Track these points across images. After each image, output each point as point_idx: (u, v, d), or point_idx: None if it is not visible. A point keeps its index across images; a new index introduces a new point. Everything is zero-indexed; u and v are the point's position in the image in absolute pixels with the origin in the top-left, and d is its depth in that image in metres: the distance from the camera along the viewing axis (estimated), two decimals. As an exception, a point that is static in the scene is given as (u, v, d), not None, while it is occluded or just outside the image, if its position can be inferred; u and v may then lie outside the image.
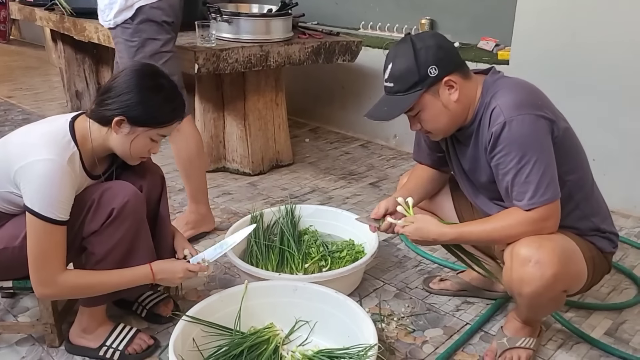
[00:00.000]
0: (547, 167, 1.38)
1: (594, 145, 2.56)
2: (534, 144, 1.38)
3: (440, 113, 1.48)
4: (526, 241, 1.40)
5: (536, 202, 1.39)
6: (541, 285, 1.38)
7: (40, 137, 1.43)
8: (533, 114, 1.40)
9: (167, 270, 1.55)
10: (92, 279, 1.48)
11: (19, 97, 4.69)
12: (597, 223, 1.54)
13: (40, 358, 1.63)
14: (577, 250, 1.46)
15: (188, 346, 1.53)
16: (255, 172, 3.09)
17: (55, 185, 1.38)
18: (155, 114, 1.47)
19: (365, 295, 1.97)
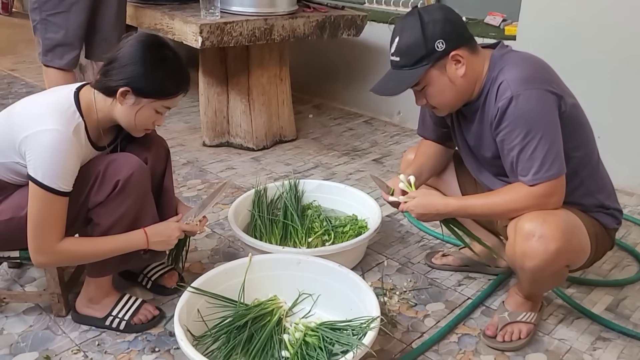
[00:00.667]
0: (552, 143, 1.38)
1: (600, 123, 2.54)
2: (540, 119, 1.37)
3: (447, 88, 1.47)
4: (530, 216, 1.40)
5: (541, 177, 1.38)
6: (544, 259, 1.38)
7: (45, 107, 1.43)
8: (541, 88, 1.38)
9: (161, 232, 1.56)
10: (87, 246, 1.49)
11: (22, 70, 4.67)
12: (601, 199, 1.54)
13: (47, 327, 1.66)
14: (580, 225, 1.46)
15: (193, 317, 1.55)
16: (258, 147, 3.09)
17: (60, 156, 1.38)
18: (160, 86, 1.46)
19: (367, 270, 1.98)
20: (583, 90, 2.60)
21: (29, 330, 1.64)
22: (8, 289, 1.82)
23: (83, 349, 1.57)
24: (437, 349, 1.61)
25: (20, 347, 1.58)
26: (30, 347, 1.58)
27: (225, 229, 2.24)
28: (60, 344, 1.59)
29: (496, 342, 1.60)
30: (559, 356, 1.58)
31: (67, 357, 1.54)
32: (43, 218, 1.41)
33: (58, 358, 1.54)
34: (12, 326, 1.66)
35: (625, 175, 2.57)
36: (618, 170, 2.57)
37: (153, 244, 1.55)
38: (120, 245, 1.52)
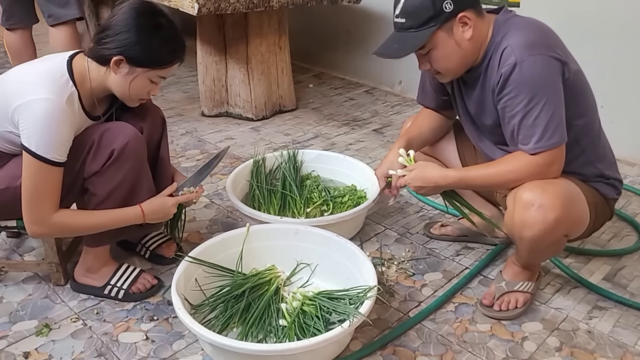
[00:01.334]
0: (555, 110, 1.35)
1: (603, 92, 2.51)
2: (544, 85, 1.34)
3: (453, 52, 1.43)
4: (529, 185, 1.39)
5: (542, 145, 1.36)
6: (543, 229, 1.38)
7: (38, 75, 1.41)
8: (545, 54, 1.35)
9: (157, 207, 1.55)
10: (82, 219, 1.49)
11: None
12: (602, 169, 1.52)
13: (46, 295, 1.67)
14: (580, 195, 1.45)
15: (190, 286, 1.55)
16: (258, 117, 3.06)
17: (53, 125, 1.36)
18: (155, 55, 1.43)
19: (366, 240, 1.98)
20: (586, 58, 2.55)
21: (28, 299, 1.65)
22: (7, 258, 1.83)
23: (82, 317, 1.59)
24: (434, 317, 1.62)
25: (20, 315, 1.59)
26: (29, 315, 1.59)
27: (223, 199, 2.24)
28: (59, 312, 1.61)
29: (493, 311, 1.61)
30: (554, 325, 1.58)
31: (66, 325, 1.56)
32: (37, 188, 1.40)
33: (57, 326, 1.55)
34: (11, 295, 1.67)
35: (627, 145, 2.55)
36: (620, 140, 2.54)
37: (150, 219, 1.55)
38: (115, 221, 1.51)
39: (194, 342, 1.51)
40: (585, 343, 1.52)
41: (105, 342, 1.50)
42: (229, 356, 1.36)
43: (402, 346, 1.51)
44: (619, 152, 2.33)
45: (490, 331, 1.56)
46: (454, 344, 1.51)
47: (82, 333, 1.53)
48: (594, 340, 1.53)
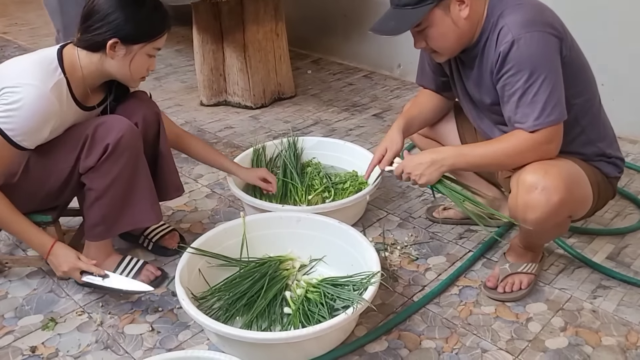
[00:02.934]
0: (554, 87, 1.34)
1: (604, 69, 2.48)
2: (542, 62, 1.33)
3: (449, 30, 1.41)
4: (532, 168, 1.38)
5: (541, 123, 1.35)
6: (547, 211, 1.37)
7: (29, 63, 1.42)
8: (543, 31, 1.34)
9: (62, 255, 1.51)
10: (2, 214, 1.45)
11: (14, 33, 4.59)
12: (602, 148, 1.51)
13: (51, 290, 1.67)
14: (582, 175, 1.44)
15: (194, 277, 1.55)
16: (256, 105, 3.05)
17: (30, 112, 1.36)
18: (146, 28, 1.43)
19: (368, 226, 1.98)
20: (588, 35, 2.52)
21: (33, 294, 1.66)
22: (10, 254, 1.83)
23: (87, 311, 1.59)
24: (439, 301, 1.62)
25: (25, 310, 1.59)
26: (35, 309, 1.59)
27: (224, 188, 2.23)
28: (65, 306, 1.61)
29: (497, 293, 1.61)
30: (559, 305, 1.58)
31: (72, 319, 1.56)
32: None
33: (63, 320, 1.56)
34: (16, 290, 1.67)
35: (629, 122, 2.53)
36: (621, 118, 2.52)
37: (48, 260, 1.52)
38: (26, 238, 1.52)
39: (199, 332, 1.52)
40: (590, 322, 1.52)
41: (111, 334, 1.51)
42: (235, 345, 1.36)
43: (407, 330, 1.51)
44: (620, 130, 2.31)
45: (495, 313, 1.57)
46: (459, 327, 1.52)
47: (88, 326, 1.54)
48: (598, 319, 1.53)
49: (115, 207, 1.54)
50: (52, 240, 1.53)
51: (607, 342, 1.45)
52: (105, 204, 1.52)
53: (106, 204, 1.52)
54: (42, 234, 1.53)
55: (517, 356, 1.42)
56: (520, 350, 1.43)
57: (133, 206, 1.56)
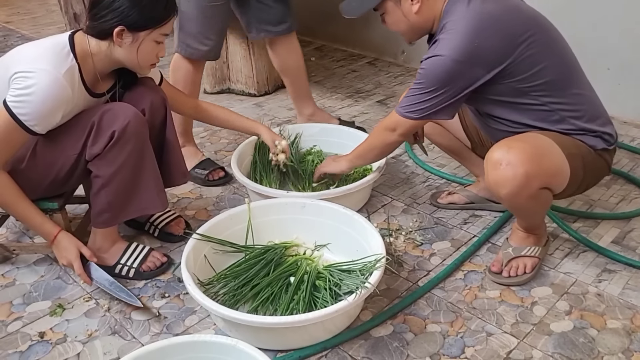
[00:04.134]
0: (430, 101, 1.52)
1: (610, 54, 2.47)
2: (440, 81, 1.48)
3: (400, 21, 1.57)
4: (497, 145, 1.44)
5: (399, 110, 1.60)
6: (515, 185, 1.40)
7: (42, 48, 1.42)
8: (457, 59, 1.44)
9: (63, 247, 1.54)
10: (9, 198, 1.48)
11: (17, 22, 4.58)
12: (580, 124, 1.51)
13: (58, 276, 1.69)
14: (552, 146, 1.45)
15: (200, 263, 1.56)
16: (260, 92, 3.04)
17: (43, 97, 1.36)
18: (152, 14, 1.43)
19: (373, 212, 1.99)
20: (593, 20, 2.51)
21: (41, 280, 1.67)
22: (17, 241, 1.85)
23: (94, 297, 1.60)
24: (444, 286, 1.62)
25: (33, 296, 1.61)
26: (42, 296, 1.61)
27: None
28: (72, 292, 1.62)
29: (502, 278, 1.61)
30: (564, 289, 1.59)
31: (79, 305, 1.58)
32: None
33: (71, 306, 1.57)
34: (23, 277, 1.69)
35: (634, 107, 2.52)
36: (626, 102, 2.52)
37: (53, 248, 1.56)
38: (32, 224, 1.54)
39: (206, 317, 1.53)
40: (595, 306, 1.52)
41: (118, 320, 1.52)
42: (241, 330, 1.37)
43: (412, 315, 1.52)
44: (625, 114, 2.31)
45: (500, 297, 1.57)
46: (464, 311, 1.52)
47: (96, 312, 1.55)
48: (603, 302, 1.54)
49: (122, 194, 1.55)
50: (56, 230, 1.54)
51: (612, 325, 1.46)
52: (112, 191, 1.53)
53: (112, 191, 1.53)
54: (47, 222, 1.54)
55: (522, 339, 1.43)
56: (525, 334, 1.44)
57: (139, 193, 1.57)
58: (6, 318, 1.53)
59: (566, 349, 1.39)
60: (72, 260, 1.54)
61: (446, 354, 1.39)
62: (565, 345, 1.40)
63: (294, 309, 1.44)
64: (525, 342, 1.42)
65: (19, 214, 1.52)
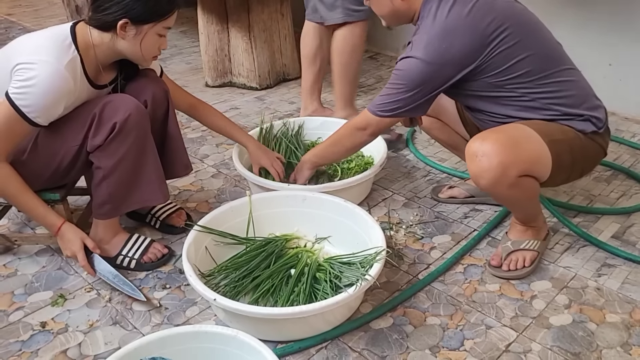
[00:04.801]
0: (402, 100, 1.55)
1: (611, 50, 2.47)
2: (412, 80, 1.52)
3: (384, 4, 1.59)
4: (474, 138, 1.46)
5: (370, 108, 1.63)
6: (492, 175, 1.41)
7: (43, 39, 1.42)
8: (428, 62, 1.48)
9: (67, 239, 1.55)
10: (13, 189, 1.48)
11: (18, 15, 4.58)
12: (564, 110, 1.51)
13: (60, 267, 1.69)
14: (530, 134, 1.45)
15: (201, 254, 1.57)
16: (262, 86, 3.04)
17: (45, 89, 1.36)
18: (155, 7, 1.43)
19: (374, 205, 1.99)
20: (595, 17, 2.51)
21: (42, 271, 1.68)
22: (19, 232, 1.86)
23: (96, 287, 1.61)
24: (443, 279, 1.63)
25: (35, 286, 1.62)
26: (44, 286, 1.62)
27: (230, 168, 2.24)
28: (74, 282, 1.63)
29: (501, 271, 1.62)
30: (563, 283, 1.59)
31: (80, 295, 1.58)
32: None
33: (72, 296, 1.58)
34: (25, 267, 1.70)
35: (636, 102, 2.52)
36: (628, 98, 2.52)
37: (58, 239, 1.57)
38: (35, 216, 1.55)
39: (206, 308, 1.54)
40: (594, 300, 1.53)
41: (119, 310, 1.53)
42: (242, 320, 1.38)
43: (412, 307, 1.52)
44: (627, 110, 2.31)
45: (500, 291, 1.58)
46: (464, 304, 1.53)
47: (97, 302, 1.56)
48: (602, 297, 1.54)
49: (123, 186, 1.55)
50: (60, 221, 1.55)
51: (611, 320, 1.46)
52: (113, 183, 1.53)
53: (114, 183, 1.53)
54: (51, 214, 1.55)
55: (521, 332, 1.43)
56: (524, 327, 1.45)
57: (140, 185, 1.57)
58: (8, 308, 1.54)
59: (565, 342, 1.40)
60: (76, 251, 1.55)
61: (445, 347, 1.40)
62: (564, 338, 1.41)
63: (294, 301, 1.45)
64: (524, 335, 1.42)
65: (22, 206, 1.53)
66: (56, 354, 1.40)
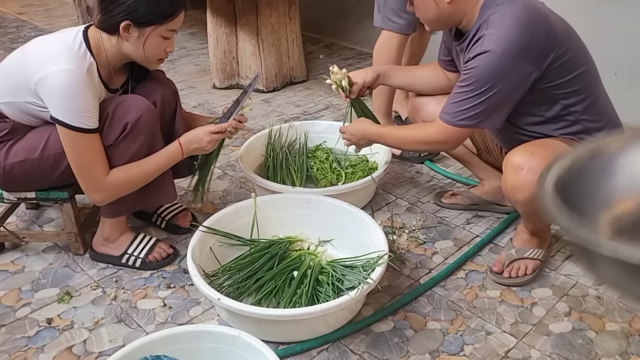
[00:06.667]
0: (488, 102, 1.43)
1: (617, 59, 2.48)
2: (494, 79, 1.40)
3: (430, 7, 1.50)
4: (519, 149, 1.45)
5: (447, 119, 1.49)
6: (534, 191, 1.39)
7: (57, 47, 1.44)
8: (510, 53, 1.38)
9: (192, 139, 1.59)
10: (134, 172, 1.53)
11: (30, 14, 4.62)
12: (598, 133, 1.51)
13: (66, 264, 1.72)
14: None
15: (205, 255, 1.59)
16: (269, 88, 3.06)
17: (78, 95, 1.40)
18: (157, 9, 1.45)
19: (377, 209, 2.01)
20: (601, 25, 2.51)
21: (49, 268, 1.70)
22: (27, 229, 1.88)
23: (101, 285, 1.64)
24: (445, 284, 1.64)
25: (42, 283, 1.64)
26: (51, 283, 1.64)
27: (236, 170, 2.26)
28: (80, 280, 1.66)
29: (503, 278, 1.63)
30: (564, 291, 1.60)
31: (86, 293, 1.61)
32: (83, 158, 1.45)
33: (78, 293, 1.61)
34: (32, 264, 1.72)
35: (642, 113, 2.52)
36: (634, 108, 2.52)
37: (188, 152, 1.59)
38: (162, 161, 1.57)
39: (210, 308, 1.56)
40: (595, 308, 1.54)
41: (124, 308, 1.55)
42: (244, 321, 1.40)
43: (413, 312, 1.54)
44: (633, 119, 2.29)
45: (500, 297, 1.59)
46: (464, 310, 1.54)
47: (102, 300, 1.58)
48: (603, 305, 1.55)
49: (131, 185, 1.58)
50: (175, 143, 1.58)
51: (610, 328, 1.47)
52: None
53: None
54: (166, 150, 1.57)
55: (521, 339, 1.44)
56: (524, 334, 1.46)
57: (148, 184, 1.59)
58: (15, 304, 1.56)
59: (564, 349, 1.41)
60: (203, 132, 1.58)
61: (445, 351, 1.41)
62: (563, 346, 1.42)
63: (296, 303, 1.47)
64: (524, 342, 1.43)
65: (151, 173, 1.56)
66: (61, 350, 1.42)
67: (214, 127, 1.60)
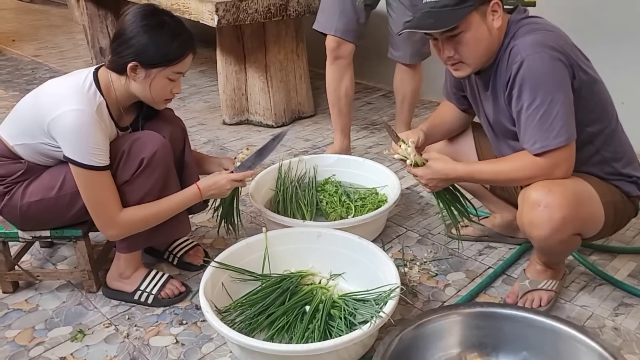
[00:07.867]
0: (562, 107, 1.34)
1: (624, 88, 2.49)
2: (550, 82, 1.34)
3: (483, 37, 1.40)
4: (536, 185, 1.40)
5: (546, 145, 1.35)
6: (550, 228, 1.38)
7: (68, 88, 1.48)
8: (551, 53, 1.34)
9: (212, 185, 1.63)
10: (148, 210, 1.56)
11: (45, 56, 4.75)
12: (619, 168, 1.51)
13: (79, 302, 1.73)
14: (591, 193, 1.44)
15: (217, 291, 1.59)
16: (277, 123, 3.11)
17: (89, 133, 1.43)
18: (165, 52, 1.48)
19: (388, 242, 2.00)
20: (607, 55, 2.53)
21: (63, 306, 1.71)
22: (41, 267, 1.90)
23: (114, 323, 1.64)
24: (458, 317, 1.63)
25: (55, 322, 1.65)
26: (64, 321, 1.65)
27: (247, 204, 2.28)
28: (93, 318, 1.66)
29: (517, 310, 1.61)
30: (580, 322, 1.58)
31: (99, 331, 1.61)
32: (96, 195, 1.48)
33: (91, 332, 1.61)
34: (46, 302, 1.73)
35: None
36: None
37: (206, 196, 1.63)
38: (178, 203, 1.60)
39: (222, 344, 1.55)
40: (612, 340, 1.51)
41: (137, 346, 1.55)
42: (257, 357, 1.39)
43: (426, 345, 1.52)
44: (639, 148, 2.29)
45: (515, 329, 1.57)
46: (479, 343, 1.52)
47: (115, 338, 1.58)
48: (620, 337, 1.52)
49: (146, 220, 1.60)
50: (194, 187, 1.62)
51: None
52: None
53: None
54: (184, 193, 1.62)
55: (537, 372, 1.42)
56: (540, 367, 1.43)
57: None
58: (28, 343, 1.57)
59: (582, 382, 1.38)
60: (224, 180, 1.63)
61: (461, 386, 1.39)
62: (581, 378, 1.39)
63: (309, 338, 1.46)
64: (540, 375, 1.41)
65: (166, 213, 1.59)
66: (74, 389, 1.41)
67: (235, 175, 1.65)
